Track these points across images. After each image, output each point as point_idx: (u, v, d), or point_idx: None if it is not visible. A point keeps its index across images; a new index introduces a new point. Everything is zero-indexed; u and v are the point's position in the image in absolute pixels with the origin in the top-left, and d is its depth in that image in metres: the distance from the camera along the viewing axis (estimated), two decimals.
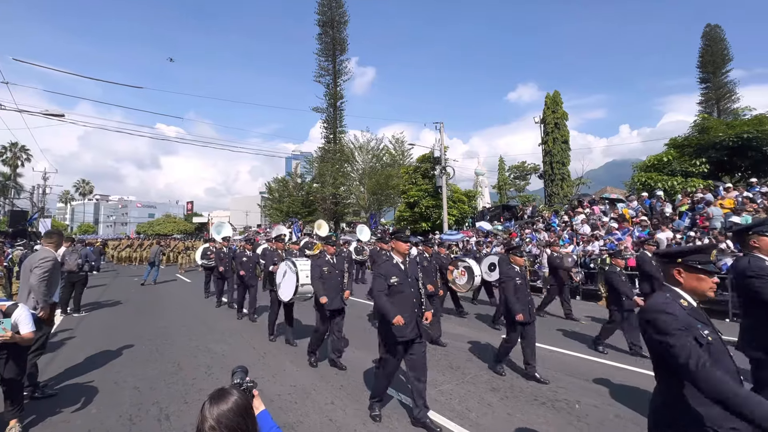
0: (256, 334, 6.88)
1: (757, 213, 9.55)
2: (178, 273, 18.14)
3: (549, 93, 26.94)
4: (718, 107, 32.84)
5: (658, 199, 12.64)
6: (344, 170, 35.86)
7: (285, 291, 5.79)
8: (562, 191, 25.33)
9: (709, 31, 34.80)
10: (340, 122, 38.52)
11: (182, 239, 31.61)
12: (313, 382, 4.56)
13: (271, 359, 5.48)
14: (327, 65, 37.53)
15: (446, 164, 22.95)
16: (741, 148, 15.11)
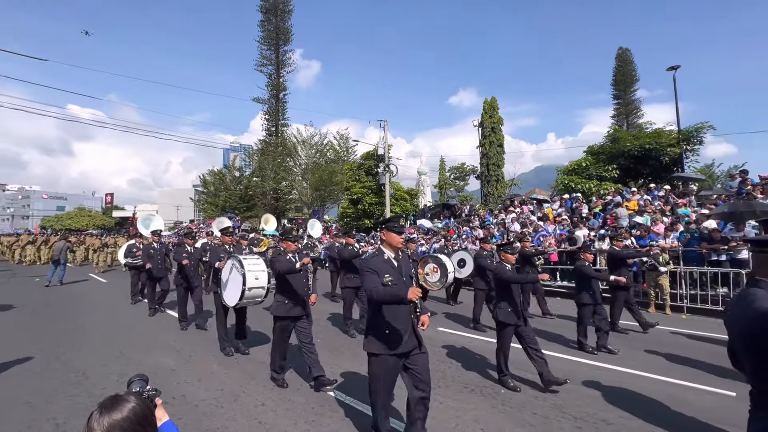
0: (182, 337, 6.37)
1: (655, 213, 10.97)
2: (93, 273, 16.21)
3: (487, 99, 28.50)
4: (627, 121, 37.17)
5: (577, 200, 13.99)
6: (286, 164, 34.71)
7: (230, 294, 4.99)
8: (496, 191, 26.96)
9: (621, 53, 39.22)
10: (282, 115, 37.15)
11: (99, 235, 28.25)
12: (243, 384, 4.33)
13: (197, 363, 5.10)
14: (269, 55, 35.94)
15: (390, 162, 23.26)
16: (643, 157, 17.31)
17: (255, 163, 37.34)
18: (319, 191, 33.66)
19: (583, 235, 10.94)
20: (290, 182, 35.18)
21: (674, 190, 13.24)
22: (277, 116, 36.57)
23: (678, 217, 10.45)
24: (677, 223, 9.85)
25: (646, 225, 10.12)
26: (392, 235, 2.94)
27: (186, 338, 6.28)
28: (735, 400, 3.84)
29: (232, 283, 4.97)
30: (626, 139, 18.59)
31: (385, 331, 2.77)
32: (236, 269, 4.90)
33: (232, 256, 5.11)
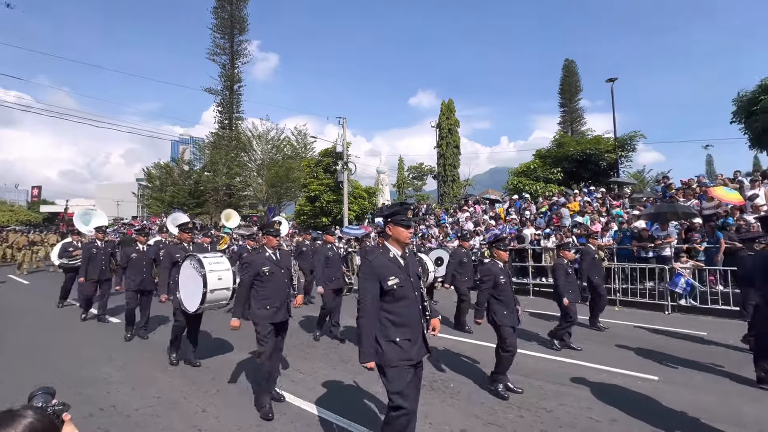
0: (115, 344, 5.88)
1: (593, 214, 11.83)
2: (14, 274, 14.50)
3: (444, 101, 29.22)
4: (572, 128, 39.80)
5: (525, 201, 14.75)
6: (240, 159, 33.29)
7: (189, 298, 4.47)
8: (452, 191, 27.74)
9: (567, 64, 41.89)
10: (237, 107, 35.61)
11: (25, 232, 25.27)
12: (183, 390, 4.07)
13: (133, 369, 4.72)
14: (224, 44, 34.28)
15: (348, 160, 23.10)
16: (585, 161, 18.66)
17: (206, 157, 35.46)
18: (275, 188, 32.62)
19: (531, 233, 11.55)
20: (244, 178, 33.79)
21: (610, 193, 14.37)
22: (231, 109, 34.99)
23: (613, 217, 11.35)
24: (612, 223, 10.70)
25: (585, 225, 10.88)
26: (399, 230, 2.52)
27: (120, 344, 5.80)
28: (659, 383, 4.31)
29: (190, 285, 4.45)
30: (570, 145, 19.93)
31: (395, 338, 2.38)
32: (195, 270, 4.42)
33: (191, 256, 4.57)
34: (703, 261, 8.39)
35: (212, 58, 34.04)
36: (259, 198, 33.88)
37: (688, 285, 8.08)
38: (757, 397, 3.96)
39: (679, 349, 5.53)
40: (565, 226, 11.62)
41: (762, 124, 13.14)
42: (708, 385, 4.30)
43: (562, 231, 11.33)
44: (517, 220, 13.10)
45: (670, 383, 4.30)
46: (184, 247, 5.14)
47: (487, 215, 15.02)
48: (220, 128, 34.80)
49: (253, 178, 33.96)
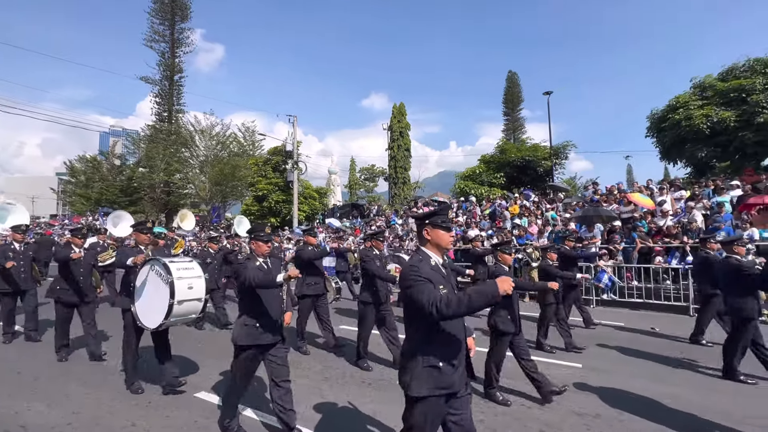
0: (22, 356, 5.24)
1: (531, 217, 12.72)
2: None
3: (396, 104, 29.72)
4: (514, 136, 42.46)
5: (471, 203, 15.47)
6: (181, 155, 31.20)
7: (149, 312, 3.73)
8: (402, 193, 28.28)
9: (510, 76, 44.61)
10: (177, 99, 33.41)
11: None
12: (109, 404, 3.73)
13: (47, 384, 4.25)
14: (163, 30, 32.02)
15: (299, 159, 22.62)
16: (524, 167, 20.05)
17: (141, 152, 32.79)
18: (219, 186, 30.99)
19: (475, 234, 12.13)
20: (185, 175, 31.72)
21: (546, 197, 15.55)
22: (171, 100, 32.77)
23: (548, 220, 12.29)
24: (547, 225, 11.57)
25: (524, 226, 11.66)
26: (440, 233, 2.17)
27: (28, 357, 5.19)
28: (582, 369, 4.78)
29: (152, 295, 3.73)
30: (511, 151, 21.30)
31: (438, 363, 1.99)
32: (159, 276, 3.69)
33: (153, 260, 3.82)
34: (621, 259, 9.38)
35: (150, 44, 31.68)
36: (202, 197, 32.00)
37: (610, 281, 8.99)
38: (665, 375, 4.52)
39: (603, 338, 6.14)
40: (506, 228, 12.36)
41: (670, 139, 15.00)
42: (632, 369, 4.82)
43: (503, 232, 12.05)
44: (463, 221, 13.69)
45: (591, 369, 4.77)
46: (141, 250, 4.27)
47: None
48: (158, 121, 32.42)
49: (195, 176, 32.00)
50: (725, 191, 10.25)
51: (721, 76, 15.06)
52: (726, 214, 9.26)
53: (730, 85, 13.97)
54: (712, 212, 9.53)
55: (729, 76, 14.75)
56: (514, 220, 12.49)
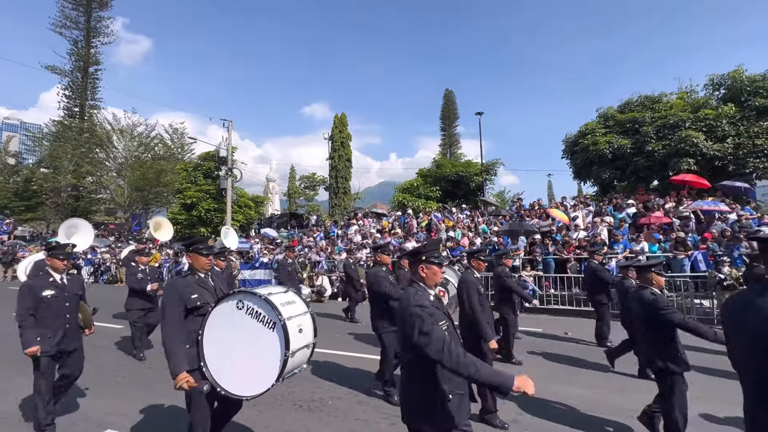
0: None
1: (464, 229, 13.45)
2: None
3: (338, 114, 29.71)
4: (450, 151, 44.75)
5: (408, 215, 15.93)
6: (95, 156, 27.97)
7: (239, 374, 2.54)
8: (343, 203, 28.20)
9: (447, 93, 47.17)
10: (92, 94, 30.09)
11: None
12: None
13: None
14: (76, 17, 28.74)
15: (234, 165, 21.48)
16: (458, 182, 21.21)
17: (44, 150, 28.80)
18: (141, 192, 28.24)
19: (412, 246, 12.50)
20: (98, 178, 28.44)
21: (478, 210, 16.56)
22: (84, 95, 29.41)
23: (479, 232, 13.09)
24: (478, 237, 12.32)
25: (456, 239, 12.28)
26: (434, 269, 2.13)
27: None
28: None
29: (240, 346, 2.55)
30: (446, 166, 22.43)
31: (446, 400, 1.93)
32: (253, 317, 2.54)
33: (239, 293, 2.63)
34: (541, 269, 10.30)
35: (59, 31, 28.23)
36: (119, 203, 28.90)
37: (532, 290, 9.81)
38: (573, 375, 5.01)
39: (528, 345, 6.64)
40: (441, 239, 12.91)
41: (581, 160, 16.95)
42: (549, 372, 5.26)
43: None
44: (401, 233, 14.02)
45: None
46: (203, 280, 2.87)
47: (373, 228, 15.69)
48: (66, 116, 28.81)
49: (112, 179, 28.84)
50: (624, 209, 11.84)
51: (620, 108, 17.47)
52: (624, 229, 10.68)
53: (626, 116, 16.25)
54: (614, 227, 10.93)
55: (626, 108, 17.18)
56: (449, 233, 13.09)
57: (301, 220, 23.18)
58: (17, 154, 32.44)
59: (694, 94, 16.72)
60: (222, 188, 21.37)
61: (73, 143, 26.73)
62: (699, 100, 15.53)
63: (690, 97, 16.55)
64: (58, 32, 28.22)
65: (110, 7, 30.16)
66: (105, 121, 28.83)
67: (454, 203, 18.98)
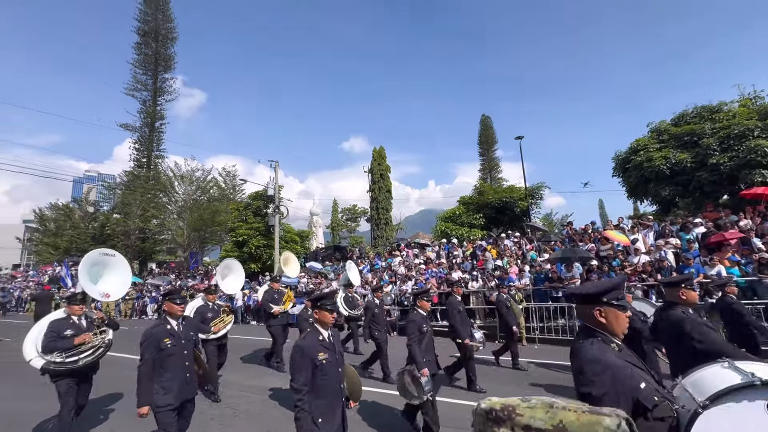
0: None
1: (511, 257, 12.93)
2: None
3: (376, 147, 30.59)
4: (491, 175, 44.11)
5: (453, 245, 15.65)
6: (159, 201, 30.70)
7: None
8: (385, 234, 28.38)
9: (484, 119, 47.15)
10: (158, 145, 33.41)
11: None
12: None
13: None
14: (145, 80, 32.62)
15: (280, 203, 22.60)
16: (502, 208, 20.66)
17: (117, 198, 32.11)
18: (198, 231, 30.37)
19: (458, 276, 12.17)
20: (162, 220, 31.04)
21: (525, 237, 15.93)
22: (151, 147, 32.74)
23: (528, 260, 12.52)
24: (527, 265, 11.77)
25: (504, 267, 11.82)
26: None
27: None
28: None
29: None
30: (489, 193, 22.03)
31: None
32: None
33: None
34: None
35: (131, 93, 32.10)
36: (179, 243, 31.19)
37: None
38: None
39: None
40: (487, 270, 12.49)
41: (634, 179, 15.92)
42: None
43: (485, 274, 12.15)
44: (446, 263, 13.76)
45: None
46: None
47: (418, 259, 15.55)
48: (136, 167, 32.13)
49: (173, 221, 31.35)
50: (691, 228, 10.81)
51: (674, 121, 16.42)
52: (694, 251, 9.72)
53: (682, 129, 15.20)
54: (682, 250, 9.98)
55: (681, 121, 16.10)
56: (495, 262, 12.65)
57: (344, 253, 23.55)
58: (95, 202, 36.44)
59: (759, 101, 15.37)
60: (270, 225, 22.45)
61: (141, 191, 29.60)
62: (767, 107, 14.25)
63: (755, 103, 15.23)
64: (131, 95, 32.16)
65: (173, 69, 34.08)
66: (168, 169, 31.88)
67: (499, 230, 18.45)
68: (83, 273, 4.97)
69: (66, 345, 4.03)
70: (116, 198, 32.99)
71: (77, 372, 4.09)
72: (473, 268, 13.03)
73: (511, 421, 0.52)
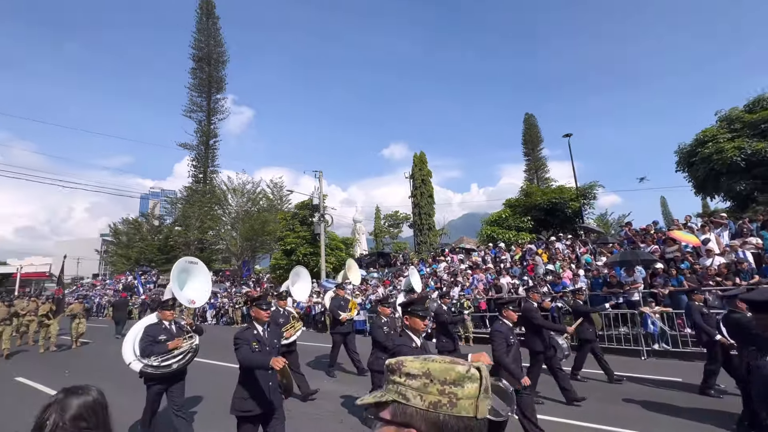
0: None
1: (564, 261, 12.29)
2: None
3: (416, 153, 30.57)
4: (537, 175, 42.39)
5: (500, 249, 15.19)
6: (214, 213, 32.87)
7: None
8: (429, 239, 28.16)
9: (527, 118, 45.50)
10: (212, 161, 35.88)
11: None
12: None
13: None
14: (200, 102, 35.27)
15: (325, 212, 23.25)
16: (551, 210, 19.72)
17: (178, 211, 34.79)
18: (250, 241, 32.07)
19: (507, 282, 11.79)
20: (217, 231, 33.15)
21: (578, 239, 15.08)
22: (206, 163, 35.19)
23: (583, 264, 11.83)
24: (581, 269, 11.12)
25: (557, 272, 11.26)
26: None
27: None
28: None
29: None
30: (536, 194, 21.15)
31: None
32: None
33: None
34: (669, 305, 8.76)
35: (188, 115, 34.80)
36: (233, 252, 33.09)
37: (656, 328, 8.37)
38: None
39: (662, 397, 5.59)
40: (538, 275, 11.97)
41: (702, 173, 14.55)
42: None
43: (536, 279, 11.65)
44: (493, 269, 13.38)
45: None
46: None
47: (463, 264, 15.26)
48: (194, 182, 34.66)
49: (227, 232, 33.37)
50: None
51: (748, 107, 14.82)
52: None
53: (758, 116, 13.69)
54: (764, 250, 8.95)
55: (756, 107, 14.50)
56: (547, 266, 12.10)
57: (388, 259, 23.67)
58: (160, 216, 39.81)
59: None
60: (316, 233, 23.17)
61: (198, 204, 31.91)
62: None
63: None
64: (188, 116, 34.93)
65: (225, 90, 36.56)
66: (222, 183, 34.09)
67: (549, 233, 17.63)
68: (174, 280, 5.12)
69: (161, 350, 4.24)
70: (177, 212, 35.76)
71: (168, 377, 4.30)
72: (523, 273, 12.55)
73: (399, 371, 0.79)
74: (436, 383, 0.77)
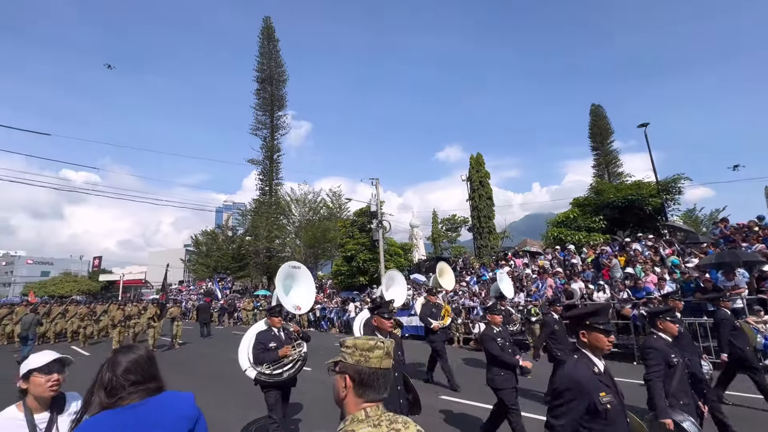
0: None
1: (645, 263, 11.14)
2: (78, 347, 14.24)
3: (473, 155, 29.83)
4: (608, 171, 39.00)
5: (569, 252, 14.19)
6: (279, 223, 35.01)
7: None
8: (489, 243, 27.22)
9: (594, 109, 42.18)
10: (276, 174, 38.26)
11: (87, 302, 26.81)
12: None
13: None
14: (264, 119, 37.90)
15: (382, 218, 23.61)
16: (627, 207, 17.97)
17: (248, 223, 37.57)
18: (312, 248, 33.65)
19: (579, 287, 10.97)
20: (283, 240, 35.23)
21: (661, 239, 13.57)
22: (271, 176, 37.62)
23: (669, 267, 10.62)
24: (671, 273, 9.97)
25: (637, 276, 10.24)
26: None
27: None
28: None
29: None
30: (609, 191, 19.41)
31: None
32: None
33: None
34: None
35: (254, 133, 37.56)
36: (297, 259, 34.93)
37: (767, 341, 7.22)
38: None
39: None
40: (616, 279, 10.99)
41: None
42: None
43: (613, 284, 10.71)
44: (562, 273, 12.55)
45: None
46: None
47: (528, 269, 14.51)
48: (261, 195, 37.26)
49: (291, 240, 35.33)
50: None
51: None
52: None
53: None
54: None
55: None
56: (625, 269, 11.06)
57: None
58: (233, 227, 43.39)
59: None
60: (375, 240, 23.59)
61: (266, 215, 34.22)
62: None
63: None
64: (254, 134, 37.73)
65: (286, 107, 38.96)
66: (285, 194, 36.26)
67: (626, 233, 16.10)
68: (279, 285, 5.05)
69: (272, 357, 4.24)
70: (247, 223, 38.65)
71: (281, 384, 4.31)
72: (597, 277, 11.61)
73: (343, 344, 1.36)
74: (359, 350, 1.32)
